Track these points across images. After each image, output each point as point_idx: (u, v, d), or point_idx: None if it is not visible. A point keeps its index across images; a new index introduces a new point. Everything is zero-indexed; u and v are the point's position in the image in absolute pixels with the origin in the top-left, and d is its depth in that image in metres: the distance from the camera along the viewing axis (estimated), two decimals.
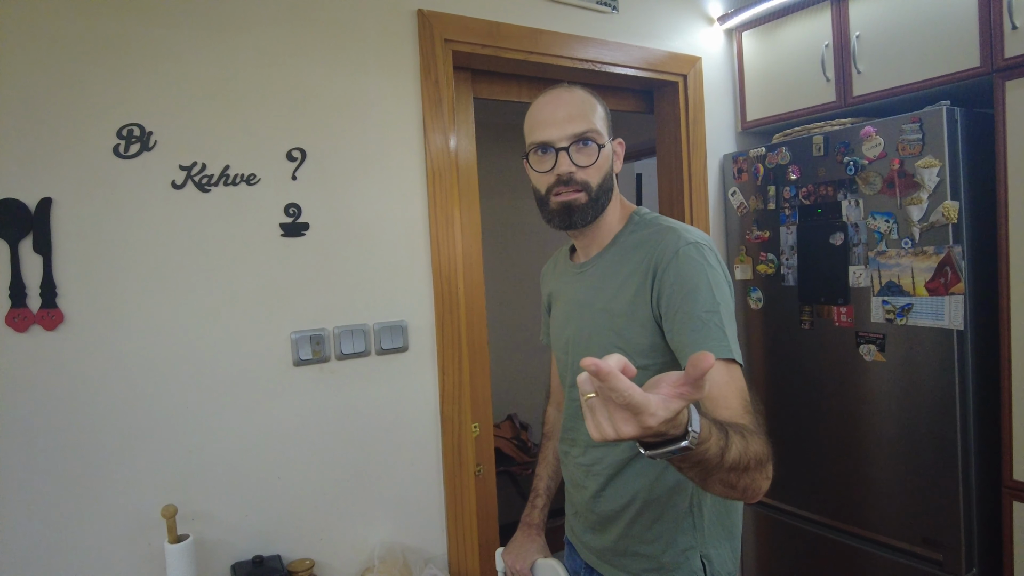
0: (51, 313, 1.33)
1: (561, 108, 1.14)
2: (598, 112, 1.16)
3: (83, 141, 1.36)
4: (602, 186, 1.15)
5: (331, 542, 1.62)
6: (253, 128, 1.53)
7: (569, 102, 1.14)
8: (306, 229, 1.59)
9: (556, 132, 1.12)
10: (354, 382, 1.66)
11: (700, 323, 1.01)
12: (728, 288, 1.08)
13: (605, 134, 1.16)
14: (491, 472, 2.02)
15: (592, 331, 1.18)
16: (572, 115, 1.13)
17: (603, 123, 1.16)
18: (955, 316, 1.77)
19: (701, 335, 1.01)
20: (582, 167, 1.12)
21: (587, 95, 1.17)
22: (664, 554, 1.15)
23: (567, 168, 1.12)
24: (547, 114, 1.14)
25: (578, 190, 1.13)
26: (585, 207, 1.14)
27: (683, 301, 1.03)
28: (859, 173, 1.93)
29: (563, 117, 1.13)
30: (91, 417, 1.37)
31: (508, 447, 3.44)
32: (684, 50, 2.28)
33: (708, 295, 1.03)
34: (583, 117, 1.13)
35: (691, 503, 1.15)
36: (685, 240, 1.08)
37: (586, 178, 1.13)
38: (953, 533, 1.80)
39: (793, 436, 2.23)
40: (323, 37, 1.61)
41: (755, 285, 2.30)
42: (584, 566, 1.31)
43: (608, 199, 1.18)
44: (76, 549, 1.36)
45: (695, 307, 1.02)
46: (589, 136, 1.12)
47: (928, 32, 1.86)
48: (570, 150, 1.12)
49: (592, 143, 1.13)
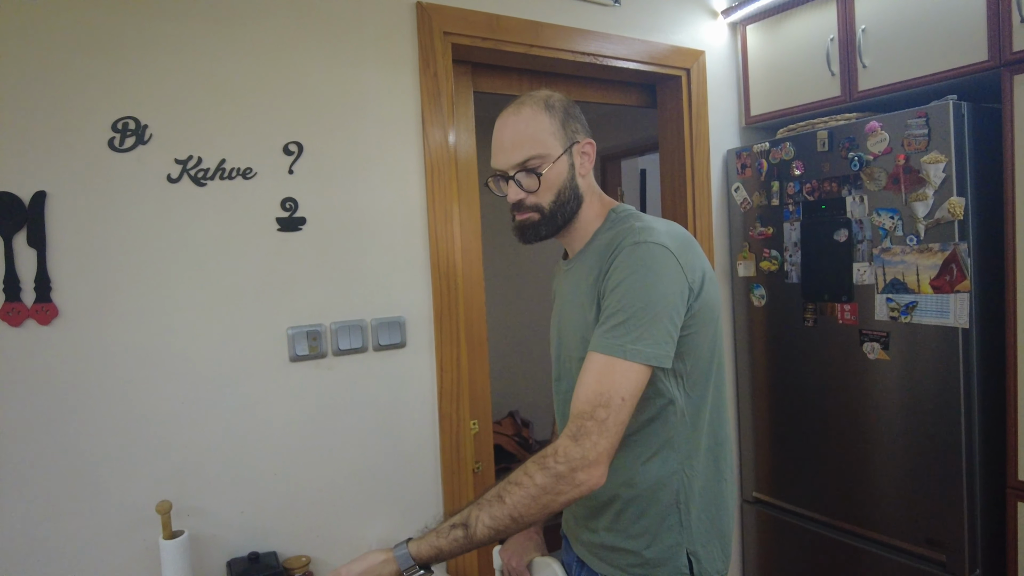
0: (45, 307, 1.32)
1: (506, 134, 1.17)
2: (544, 128, 1.16)
3: (77, 134, 1.35)
4: (556, 201, 1.17)
5: (327, 539, 1.61)
6: (249, 121, 1.52)
7: (514, 126, 1.16)
8: (303, 224, 1.57)
9: (503, 160, 1.17)
10: (351, 378, 1.65)
11: (608, 318, 1.05)
12: (671, 290, 1.05)
13: (556, 148, 1.16)
14: (490, 469, 2.00)
15: (572, 326, 1.21)
16: (516, 141, 1.15)
17: (550, 136, 1.16)
18: (960, 314, 1.74)
19: (602, 329, 1.05)
20: (529, 192, 1.16)
21: (532, 112, 1.16)
22: (648, 549, 1.15)
23: (514, 197, 1.17)
24: (496, 140, 1.18)
25: (531, 211, 1.18)
26: (538, 225, 1.19)
27: (607, 297, 1.07)
28: (864, 169, 1.91)
29: (507, 145, 1.16)
30: (86, 412, 1.36)
31: (509, 444, 3.43)
32: (687, 44, 2.26)
33: (629, 294, 1.04)
34: (523, 143, 1.15)
35: (677, 500, 1.15)
36: (633, 239, 1.09)
37: (536, 200, 1.17)
38: (957, 533, 1.78)
39: (795, 434, 2.21)
40: (321, 30, 1.60)
41: (758, 282, 2.28)
42: (576, 559, 1.31)
43: (574, 208, 1.20)
44: (70, 544, 1.35)
45: (612, 304, 1.06)
46: (530, 164, 1.15)
47: (935, 25, 1.83)
48: (517, 178, 1.16)
49: (533, 172, 1.15)
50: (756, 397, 2.34)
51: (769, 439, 2.31)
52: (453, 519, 1.03)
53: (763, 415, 2.32)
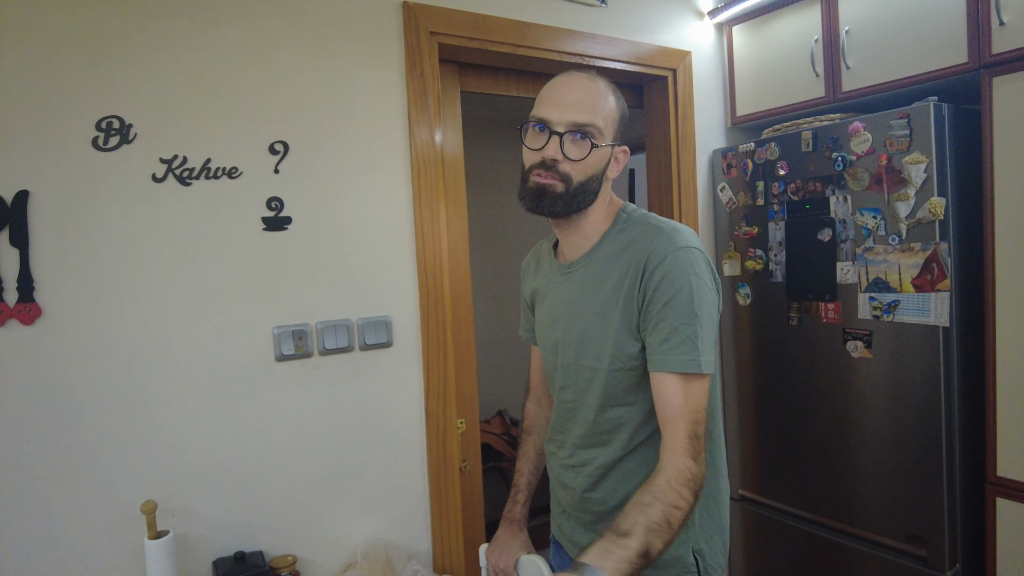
0: (28, 307, 1.31)
1: (572, 92, 1.09)
2: (608, 109, 1.11)
3: (61, 133, 1.34)
4: (584, 185, 1.11)
5: (314, 538, 1.61)
6: (235, 121, 1.51)
7: (583, 89, 1.10)
8: (288, 223, 1.57)
9: (558, 114, 1.08)
10: (337, 377, 1.65)
11: (672, 333, 1.04)
12: (713, 295, 1.08)
13: (608, 134, 1.12)
14: (477, 468, 2.01)
15: (584, 334, 1.17)
16: (580, 103, 1.08)
17: (610, 122, 1.12)
18: (941, 313, 1.77)
19: (669, 345, 1.04)
20: (569, 159, 1.09)
21: (606, 88, 1.12)
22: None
23: (553, 154, 1.09)
24: (557, 93, 1.10)
25: (557, 178, 1.10)
26: (558, 197, 1.10)
27: (662, 309, 1.05)
28: (847, 169, 1.93)
29: (571, 102, 1.08)
30: (70, 412, 1.36)
31: (498, 443, 3.43)
32: (674, 44, 2.27)
33: (687, 305, 1.04)
34: (590, 109, 1.08)
35: None
36: (675, 244, 1.07)
37: (569, 171, 1.09)
38: (937, 529, 1.80)
39: (780, 432, 2.23)
40: (307, 29, 1.60)
41: (743, 281, 2.30)
42: (572, 563, 1.30)
43: (590, 200, 1.14)
44: (54, 545, 1.35)
45: (672, 317, 1.04)
46: (588, 130, 1.09)
47: (916, 28, 1.86)
48: (564, 137, 1.08)
49: (588, 139, 1.09)
50: (741, 395, 2.36)
51: (754, 437, 2.33)
52: (635, 547, 0.94)
53: (748, 413, 2.34)
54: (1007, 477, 1.72)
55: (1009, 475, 1.72)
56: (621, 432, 1.17)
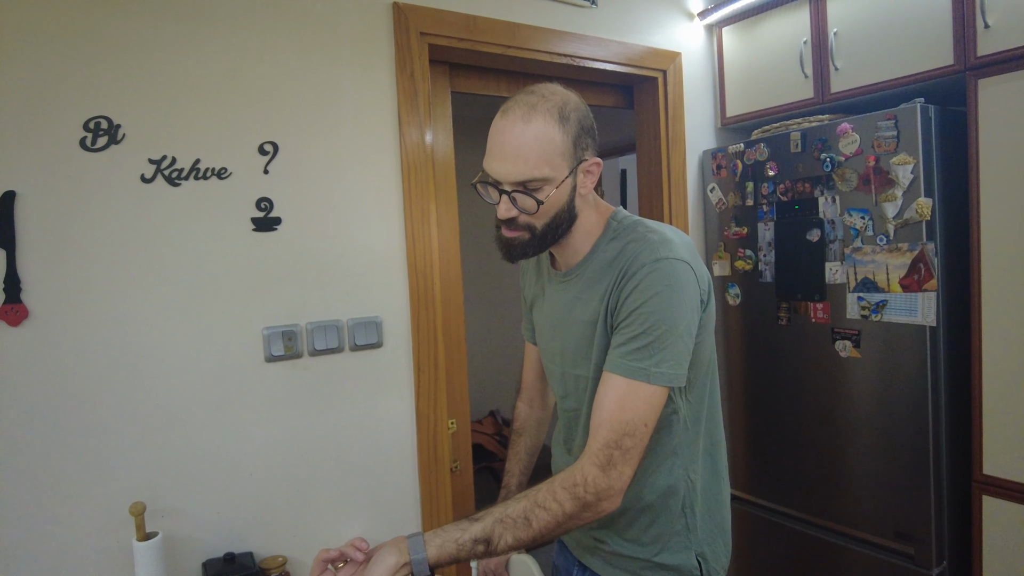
0: (15, 308, 1.31)
1: (510, 141, 1.03)
2: (554, 147, 1.03)
3: (48, 134, 1.34)
4: (550, 225, 1.08)
5: (304, 539, 1.61)
6: (224, 121, 1.51)
7: (520, 137, 1.02)
8: (278, 224, 1.57)
9: (501, 171, 1.04)
10: (327, 378, 1.65)
11: (631, 339, 1.02)
12: (688, 309, 1.04)
13: (561, 171, 1.05)
14: (468, 468, 2.01)
15: (578, 344, 1.16)
16: (520, 155, 1.02)
17: (560, 158, 1.04)
18: (928, 312, 1.78)
19: (624, 350, 1.02)
20: (525, 212, 1.06)
21: (544, 126, 1.02)
22: (659, 555, 1.15)
23: (506, 214, 1.06)
24: (497, 144, 1.05)
25: (520, 230, 1.09)
26: (527, 245, 1.09)
27: (628, 316, 1.03)
28: (836, 170, 1.94)
29: (511, 154, 1.03)
30: (58, 414, 1.35)
31: (490, 443, 3.44)
32: (664, 45, 2.28)
33: (653, 315, 1.01)
34: (526, 161, 1.02)
35: (683, 505, 1.15)
36: (656, 255, 1.04)
37: (530, 221, 1.07)
38: (924, 527, 1.82)
39: (769, 431, 2.24)
40: (297, 29, 1.60)
41: (733, 281, 2.31)
42: (577, 563, 1.30)
43: (565, 230, 1.11)
44: (41, 547, 1.34)
45: (635, 324, 1.02)
46: (532, 186, 1.04)
47: (904, 30, 1.87)
48: (514, 196, 1.05)
49: (531, 196, 1.04)
50: (731, 395, 2.37)
51: (744, 436, 2.34)
52: (474, 532, 0.96)
53: (738, 413, 2.35)
54: (993, 475, 1.74)
55: (995, 473, 1.73)
56: None
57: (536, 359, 1.46)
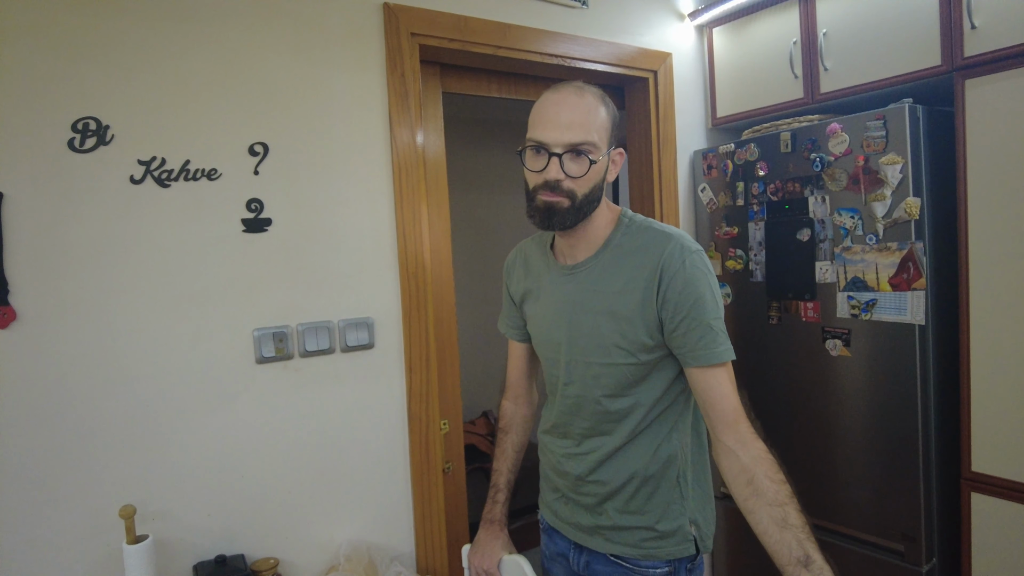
0: (3, 311, 1.30)
1: (564, 112, 1.13)
2: (600, 121, 1.15)
3: (36, 135, 1.33)
4: (588, 196, 1.17)
5: (296, 541, 1.61)
6: (214, 122, 1.50)
7: (574, 107, 1.13)
8: (268, 225, 1.57)
9: (553, 136, 1.13)
10: (319, 379, 1.64)
11: (708, 329, 1.14)
12: (717, 286, 1.19)
13: (604, 145, 1.16)
14: (461, 469, 2.01)
15: (593, 331, 1.22)
16: (573, 122, 1.12)
17: (604, 133, 1.16)
18: (917, 311, 1.79)
19: (708, 340, 1.14)
20: (571, 177, 1.14)
21: (595, 101, 1.15)
22: (659, 523, 1.23)
23: (555, 175, 1.13)
24: (550, 114, 1.14)
25: (563, 195, 1.15)
26: (566, 212, 1.16)
27: (692, 308, 1.14)
28: (825, 169, 1.95)
29: (564, 122, 1.12)
30: (47, 416, 1.34)
31: (483, 444, 3.43)
32: (655, 46, 2.29)
33: (712, 303, 1.15)
34: (583, 126, 1.12)
35: (678, 474, 1.24)
36: (689, 249, 1.17)
37: (573, 187, 1.15)
38: (914, 524, 1.83)
39: (760, 429, 2.24)
40: (287, 30, 1.59)
41: (724, 281, 2.32)
42: (573, 545, 1.34)
43: (593, 207, 1.20)
44: (30, 551, 1.33)
45: (703, 314, 1.14)
46: (584, 148, 1.13)
47: (892, 30, 1.88)
48: (563, 158, 1.13)
49: (585, 156, 1.13)
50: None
51: None
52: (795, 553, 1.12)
53: None
54: (982, 472, 1.75)
55: (984, 470, 1.75)
56: (627, 421, 1.23)
57: (521, 356, 1.49)
